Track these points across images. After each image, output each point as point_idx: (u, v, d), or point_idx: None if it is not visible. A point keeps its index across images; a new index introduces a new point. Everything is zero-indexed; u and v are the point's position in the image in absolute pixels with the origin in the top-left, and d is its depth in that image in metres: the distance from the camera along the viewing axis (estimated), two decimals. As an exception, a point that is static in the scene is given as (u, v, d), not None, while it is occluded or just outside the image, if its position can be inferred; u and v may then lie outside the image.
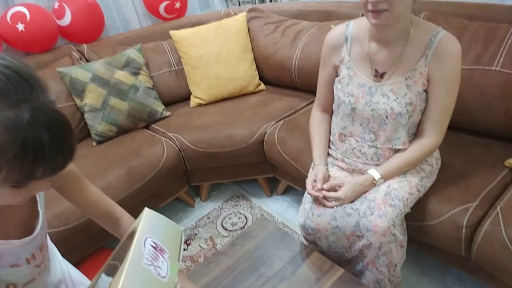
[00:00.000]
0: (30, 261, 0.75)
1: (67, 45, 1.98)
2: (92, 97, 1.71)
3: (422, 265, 1.46)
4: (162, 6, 2.20)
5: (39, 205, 0.76)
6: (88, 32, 2.03)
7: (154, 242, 0.66)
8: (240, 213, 1.87)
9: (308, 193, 1.16)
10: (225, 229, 1.79)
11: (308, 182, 1.17)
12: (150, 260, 0.62)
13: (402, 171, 1.14)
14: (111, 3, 2.24)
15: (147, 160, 1.61)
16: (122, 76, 1.76)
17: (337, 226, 1.10)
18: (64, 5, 1.91)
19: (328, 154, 1.29)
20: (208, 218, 1.86)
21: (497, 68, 1.29)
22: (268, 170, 1.83)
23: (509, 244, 1.02)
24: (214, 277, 1.17)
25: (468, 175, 1.24)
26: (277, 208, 1.86)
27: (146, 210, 0.73)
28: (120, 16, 2.30)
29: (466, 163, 1.29)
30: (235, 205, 1.92)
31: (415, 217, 1.18)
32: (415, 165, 1.15)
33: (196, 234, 1.78)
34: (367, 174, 1.13)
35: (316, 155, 1.25)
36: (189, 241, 1.75)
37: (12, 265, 0.71)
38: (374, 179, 1.12)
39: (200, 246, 1.72)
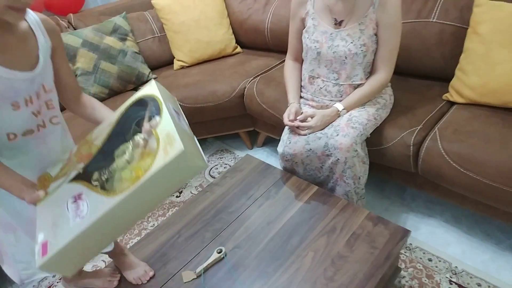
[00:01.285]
0: (28, 104, 0.85)
1: (53, 16, 2.09)
2: (83, 61, 1.86)
3: (383, 191, 1.74)
4: (139, -22, 2.32)
5: (40, 52, 0.87)
6: (70, 4, 2.14)
7: (172, 108, 0.85)
8: (226, 164, 2.09)
9: (286, 124, 1.39)
10: (213, 177, 2.01)
11: (285, 116, 1.40)
12: (178, 119, 0.82)
13: (361, 103, 1.39)
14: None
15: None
16: (111, 41, 1.91)
17: (310, 149, 1.35)
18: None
19: (300, 97, 1.53)
20: (197, 169, 2.07)
21: (434, 20, 1.55)
22: (248, 123, 2.05)
23: (444, 154, 1.30)
24: (210, 202, 1.39)
25: (415, 107, 1.50)
26: (258, 158, 2.08)
27: (154, 82, 0.87)
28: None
29: (413, 99, 1.55)
30: (220, 158, 2.14)
31: (374, 143, 1.44)
32: (371, 97, 1.40)
33: (186, 183, 1.99)
34: (333, 107, 1.37)
35: (290, 96, 1.48)
36: (181, 189, 1.96)
37: (13, 103, 0.82)
38: (339, 110, 1.36)
39: (191, 193, 1.93)
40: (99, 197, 0.76)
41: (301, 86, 1.54)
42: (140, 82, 2.04)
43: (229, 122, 2.05)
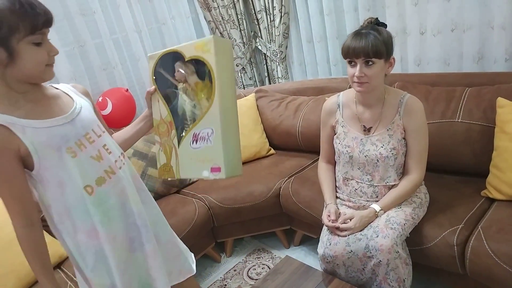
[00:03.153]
0: (82, 149, 0.96)
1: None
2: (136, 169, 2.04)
3: (430, 293, 1.64)
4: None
5: (76, 104, 1.00)
6: (123, 118, 2.43)
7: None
8: (263, 264, 2.07)
9: (326, 225, 1.42)
10: (251, 278, 1.98)
11: (324, 217, 1.45)
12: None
13: (397, 203, 1.42)
14: (139, 93, 2.69)
15: (183, 218, 1.88)
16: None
17: (351, 251, 1.35)
18: (107, 98, 2.34)
19: (336, 197, 1.58)
20: (235, 270, 2.06)
21: (459, 120, 1.65)
22: (285, 222, 2.09)
23: (492, 255, 1.26)
24: (252, 307, 1.38)
25: (453, 205, 1.51)
26: (296, 257, 2.05)
27: (214, 39, 0.97)
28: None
29: (450, 196, 1.57)
30: (257, 258, 2.13)
31: (415, 242, 1.42)
32: (406, 197, 1.44)
33: (225, 285, 1.97)
34: (370, 208, 1.41)
35: (327, 197, 1.54)
36: (220, 291, 1.93)
37: (67, 150, 0.93)
38: (376, 211, 1.40)
39: (230, 295, 1.90)
40: (207, 117, 0.99)
41: (336, 186, 1.60)
42: (183, 185, 2.19)
43: (266, 221, 2.09)
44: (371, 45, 1.26)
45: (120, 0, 2.48)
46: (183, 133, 1.05)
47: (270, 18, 2.75)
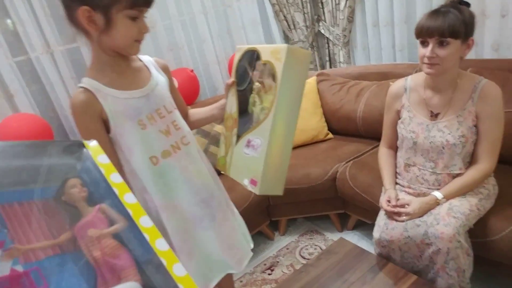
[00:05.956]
0: (152, 122, 1.02)
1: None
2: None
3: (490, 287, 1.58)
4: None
5: (152, 80, 1.06)
6: (187, 97, 2.57)
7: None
8: (316, 245, 2.11)
9: (384, 209, 1.42)
10: (303, 257, 2.03)
11: (383, 201, 1.44)
12: None
13: (462, 193, 1.37)
14: (203, 74, 2.80)
15: (241, 194, 1.97)
16: (219, 128, 2.22)
17: (409, 236, 1.34)
18: (173, 78, 2.48)
19: (396, 183, 1.56)
20: (287, 249, 2.13)
21: (539, 109, 1.53)
22: (339, 206, 2.09)
23: None
24: (305, 283, 1.42)
25: (524, 199, 1.42)
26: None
27: (288, 49, 0.91)
28: (209, 84, 2.86)
29: (523, 190, 1.48)
30: (310, 238, 2.17)
31: (478, 234, 1.37)
32: (473, 187, 1.38)
33: (278, 261, 2.04)
34: (431, 195, 1.38)
35: (386, 182, 1.53)
36: (273, 267, 2.01)
37: (139, 122, 1.00)
38: (438, 199, 1.36)
39: (282, 271, 1.97)
40: (262, 126, 0.96)
41: (396, 173, 1.58)
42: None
43: (320, 204, 2.11)
44: (447, 24, 1.20)
45: (189, -17, 2.58)
46: (242, 134, 1.04)
47: (336, 1, 2.70)
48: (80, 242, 0.47)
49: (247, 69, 1.05)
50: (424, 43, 1.29)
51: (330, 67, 3.05)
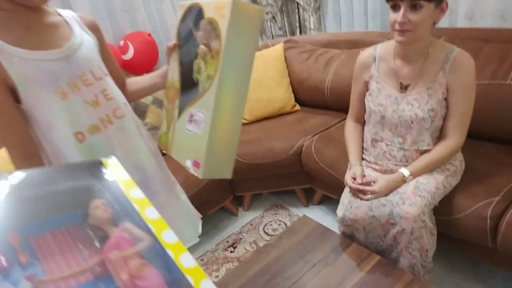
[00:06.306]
0: (75, 91, 0.84)
1: (128, 75, 2.31)
2: (152, 117, 2.00)
3: (453, 264, 1.57)
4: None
5: (75, 39, 0.88)
6: (146, 64, 2.36)
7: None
8: (280, 221, 2.04)
9: (349, 186, 1.34)
10: (267, 234, 1.96)
11: (348, 178, 1.36)
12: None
13: (429, 169, 1.30)
14: (163, 39, 2.58)
15: (201, 169, 1.85)
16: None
17: (373, 216, 1.27)
18: (128, 42, 2.25)
19: (362, 159, 1.48)
20: (251, 225, 2.05)
21: (511, 82, 1.47)
22: (305, 181, 2.02)
23: (529, 231, 1.16)
24: (266, 264, 1.35)
25: (491, 175, 1.38)
26: (314, 217, 1.99)
27: (233, 3, 0.76)
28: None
29: (488, 166, 1.43)
30: (275, 214, 2.10)
31: (443, 212, 1.33)
32: (440, 164, 1.31)
33: (241, 238, 1.97)
34: (398, 172, 1.31)
35: (352, 157, 1.44)
36: (235, 244, 1.93)
37: (57, 91, 0.81)
38: (404, 176, 1.29)
39: (245, 248, 1.90)
40: (205, 98, 0.81)
41: (363, 148, 1.49)
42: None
43: (286, 179, 2.03)
44: None
45: None
46: (184, 107, 0.89)
47: (306, -39, 2.51)
48: (108, 265, 0.46)
49: (192, 29, 0.89)
50: (395, 7, 1.16)
51: (300, 33, 2.89)
